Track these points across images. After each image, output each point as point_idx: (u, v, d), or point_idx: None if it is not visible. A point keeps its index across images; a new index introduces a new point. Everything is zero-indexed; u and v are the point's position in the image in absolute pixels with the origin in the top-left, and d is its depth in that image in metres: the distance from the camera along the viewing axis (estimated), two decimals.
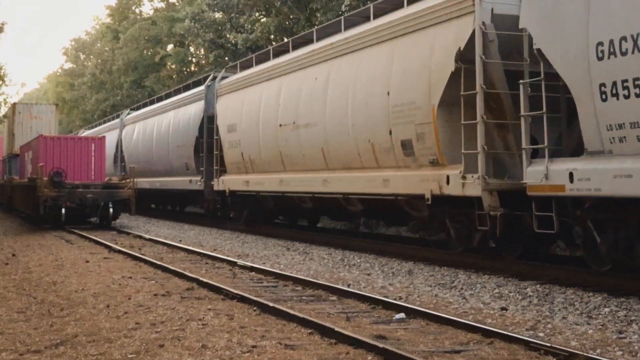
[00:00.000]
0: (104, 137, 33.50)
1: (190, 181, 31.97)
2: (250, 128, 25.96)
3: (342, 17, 21.87)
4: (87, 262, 18.38)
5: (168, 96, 38.69)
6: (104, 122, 52.90)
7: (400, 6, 18.44)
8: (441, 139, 16.34)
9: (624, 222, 12.70)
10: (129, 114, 46.16)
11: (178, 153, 33.86)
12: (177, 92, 37.20)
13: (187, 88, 35.58)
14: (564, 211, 13.59)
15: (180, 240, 24.29)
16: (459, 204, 16.15)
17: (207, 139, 30.41)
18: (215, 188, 29.33)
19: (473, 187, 15.19)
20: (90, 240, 24.62)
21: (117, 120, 47.42)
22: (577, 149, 13.47)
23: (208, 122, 30.50)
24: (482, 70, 15.15)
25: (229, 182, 28.23)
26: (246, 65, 28.46)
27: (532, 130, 14.13)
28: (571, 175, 12.84)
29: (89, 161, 31.57)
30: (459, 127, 15.68)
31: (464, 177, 15.46)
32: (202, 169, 30.83)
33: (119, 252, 20.67)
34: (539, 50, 13.48)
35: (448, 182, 15.95)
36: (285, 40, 27.85)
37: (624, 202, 12.22)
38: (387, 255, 18.73)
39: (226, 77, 29.89)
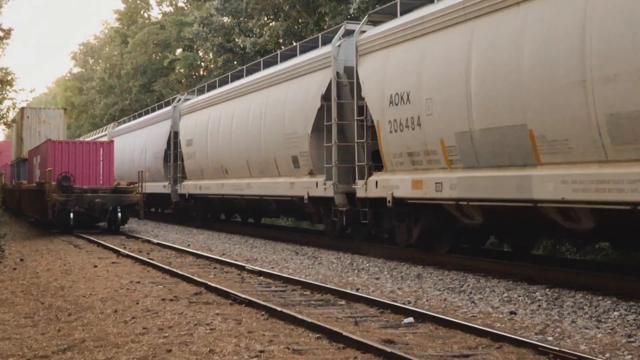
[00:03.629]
0: (112, 141, 33.53)
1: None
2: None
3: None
4: (95, 266, 18.38)
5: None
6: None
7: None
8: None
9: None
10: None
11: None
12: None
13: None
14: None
15: (189, 245, 24.27)
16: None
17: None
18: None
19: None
20: (99, 245, 24.64)
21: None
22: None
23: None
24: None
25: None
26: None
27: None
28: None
29: (98, 165, 31.58)
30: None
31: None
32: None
33: (127, 256, 20.67)
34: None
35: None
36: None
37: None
38: (396, 259, 18.70)
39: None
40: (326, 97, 21.44)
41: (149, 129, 41.38)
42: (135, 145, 43.07)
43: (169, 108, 38.12)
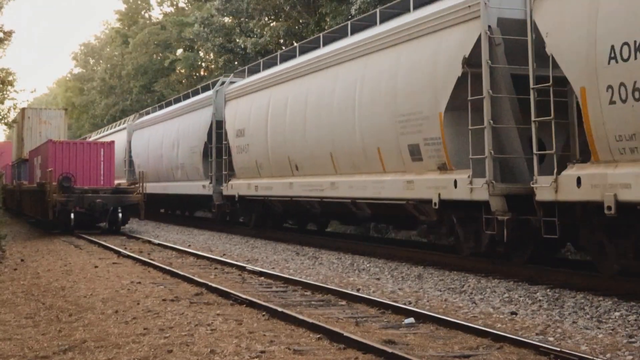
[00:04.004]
0: (113, 142, 33.48)
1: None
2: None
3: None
4: (96, 267, 18.38)
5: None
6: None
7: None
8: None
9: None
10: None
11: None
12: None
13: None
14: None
15: (190, 245, 24.27)
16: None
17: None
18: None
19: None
20: (99, 245, 24.64)
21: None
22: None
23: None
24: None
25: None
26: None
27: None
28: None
29: (98, 166, 31.58)
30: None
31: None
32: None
33: (128, 257, 20.67)
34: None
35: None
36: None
37: None
38: (397, 259, 18.70)
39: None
40: (471, 61, 15.69)
41: (182, 119, 35.73)
42: (163, 138, 38.06)
43: (209, 93, 32.17)
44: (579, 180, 12.67)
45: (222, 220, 32.07)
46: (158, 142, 38.90)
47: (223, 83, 31.25)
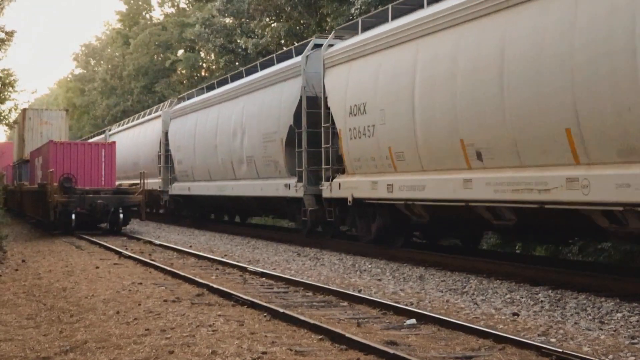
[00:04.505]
0: (114, 142, 33.49)
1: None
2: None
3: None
4: (97, 268, 18.37)
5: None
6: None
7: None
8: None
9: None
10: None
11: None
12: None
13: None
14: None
15: (191, 246, 24.26)
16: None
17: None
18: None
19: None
20: (101, 246, 24.63)
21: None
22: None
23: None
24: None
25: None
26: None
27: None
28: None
29: (99, 167, 31.56)
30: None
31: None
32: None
33: (129, 257, 20.66)
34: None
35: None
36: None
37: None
38: (398, 260, 18.68)
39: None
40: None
41: (249, 98, 27.79)
42: (219, 125, 30.48)
43: (294, 60, 24.70)
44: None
45: (319, 233, 24.62)
46: (210, 131, 31.36)
47: (319, 46, 23.38)
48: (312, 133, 23.09)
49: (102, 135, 52.05)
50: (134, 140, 44.13)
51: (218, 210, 37.16)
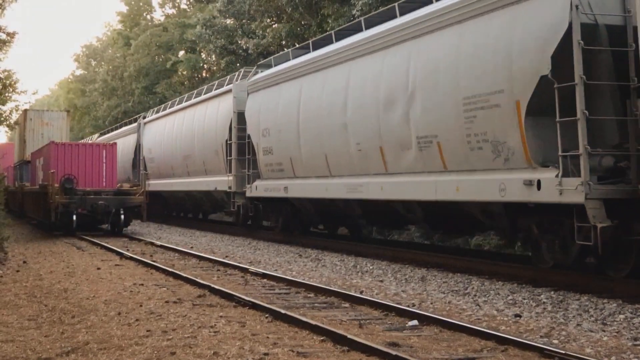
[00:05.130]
0: (115, 143, 33.49)
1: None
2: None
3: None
4: (99, 269, 18.37)
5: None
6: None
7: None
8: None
9: None
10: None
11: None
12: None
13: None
14: None
15: (192, 247, 24.25)
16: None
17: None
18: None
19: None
20: (102, 247, 24.62)
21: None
22: None
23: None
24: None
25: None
26: None
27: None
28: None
29: (100, 168, 31.57)
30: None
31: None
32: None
33: (131, 259, 20.65)
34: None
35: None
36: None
37: None
38: (400, 261, 18.67)
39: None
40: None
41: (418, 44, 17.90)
42: (348, 95, 20.54)
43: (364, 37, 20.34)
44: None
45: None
46: (332, 103, 21.56)
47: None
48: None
49: (133, 125, 45.73)
50: (182, 127, 35.60)
51: (334, 219, 25.97)
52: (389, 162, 18.77)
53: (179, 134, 36.04)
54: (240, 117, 28.31)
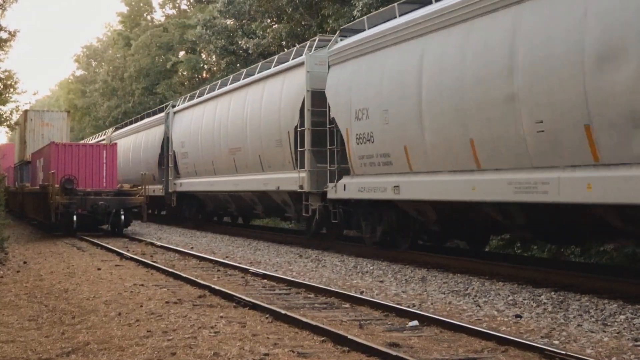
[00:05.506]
0: (115, 144, 33.49)
1: None
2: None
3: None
4: (99, 269, 18.36)
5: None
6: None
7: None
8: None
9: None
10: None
11: None
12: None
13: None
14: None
15: (192, 248, 24.24)
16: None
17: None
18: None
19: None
20: (102, 247, 24.61)
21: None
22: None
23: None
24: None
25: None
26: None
27: None
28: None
29: (101, 168, 31.58)
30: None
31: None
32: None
33: (131, 259, 20.64)
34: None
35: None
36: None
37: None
38: (400, 262, 18.65)
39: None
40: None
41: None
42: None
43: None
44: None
45: None
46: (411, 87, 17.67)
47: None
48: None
49: (159, 116, 39.46)
50: (228, 114, 29.53)
51: (477, 229, 19.43)
52: (604, 147, 12.57)
53: (223, 123, 29.48)
54: (316, 96, 22.44)
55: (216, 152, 30.33)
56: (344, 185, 20.47)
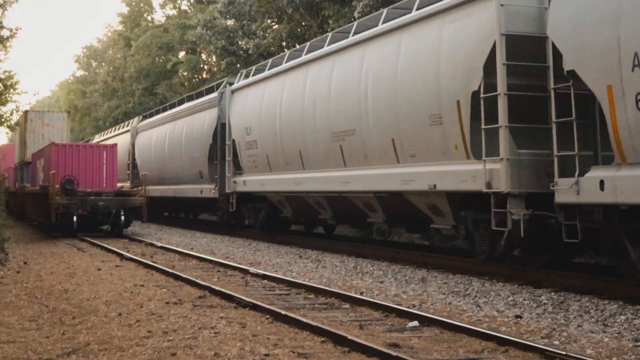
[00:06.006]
0: (115, 144, 33.47)
1: None
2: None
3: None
4: (99, 270, 18.36)
5: None
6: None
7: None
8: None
9: None
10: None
11: None
12: None
13: None
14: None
15: (192, 248, 24.25)
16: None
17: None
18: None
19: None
20: (102, 248, 24.61)
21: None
22: None
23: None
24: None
25: None
26: None
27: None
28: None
29: (101, 169, 31.57)
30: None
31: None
32: None
33: (131, 260, 20.65)
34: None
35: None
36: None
37: None
38: (400, 262, 18.65)
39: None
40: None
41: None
42: None
43: None
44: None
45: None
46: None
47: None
48: None
49: (211, 96, 32.01)
50: (331, 82, 21.40)
51: None
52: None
53: (321, 97, 21.75)
54: (516, 44, 14.75)
55: (307, 139, 22.53)
56: (600, 181, 12.30)
